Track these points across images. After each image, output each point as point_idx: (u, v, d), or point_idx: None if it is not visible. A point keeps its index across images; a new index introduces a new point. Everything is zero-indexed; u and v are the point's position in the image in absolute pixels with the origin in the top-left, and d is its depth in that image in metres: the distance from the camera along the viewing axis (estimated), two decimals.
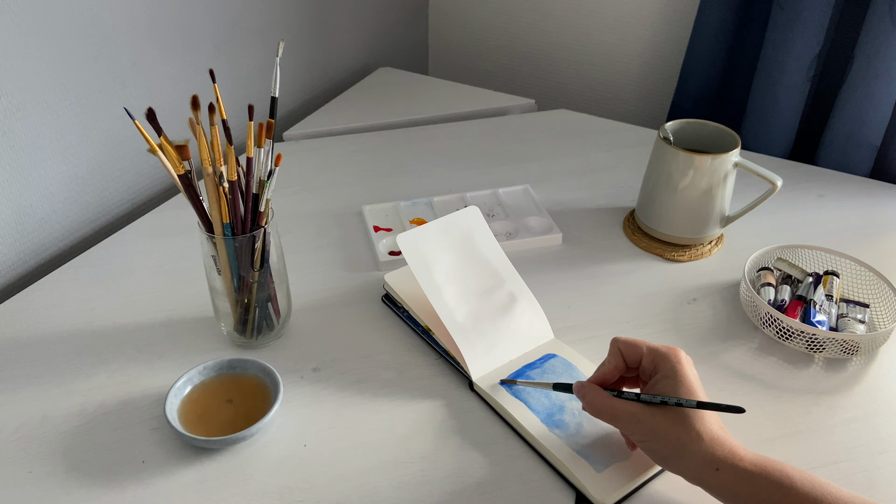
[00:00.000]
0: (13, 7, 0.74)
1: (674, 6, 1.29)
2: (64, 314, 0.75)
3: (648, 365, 0.55)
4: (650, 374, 0.55)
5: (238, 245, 0.64)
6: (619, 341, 0.57)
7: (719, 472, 0.49)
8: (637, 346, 0.56)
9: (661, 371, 0.53)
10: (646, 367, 0.55)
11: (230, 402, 0.63)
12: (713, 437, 0.50)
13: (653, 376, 0.54)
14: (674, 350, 0.54)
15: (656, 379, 0.54)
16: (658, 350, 0.55)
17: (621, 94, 1.44)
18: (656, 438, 0.51)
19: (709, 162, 0.78)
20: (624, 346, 0.56)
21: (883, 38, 0.98)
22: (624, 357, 0.56)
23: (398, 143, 1.09)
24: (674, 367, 0.53)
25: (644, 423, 0.52)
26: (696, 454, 0.50)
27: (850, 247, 0.82)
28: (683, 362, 0.54)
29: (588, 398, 0.55)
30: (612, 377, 0.57)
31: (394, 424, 0.63)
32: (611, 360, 0.57)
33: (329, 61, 1.28)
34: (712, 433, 0.50)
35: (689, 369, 0.53)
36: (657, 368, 0.54)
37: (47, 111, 0.81)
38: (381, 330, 0.73)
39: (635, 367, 0.56)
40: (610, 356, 0.57)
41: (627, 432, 0.54)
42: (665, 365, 0.53)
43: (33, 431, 0.62)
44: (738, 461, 0.49)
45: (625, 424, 0.53)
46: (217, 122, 0.60)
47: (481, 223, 0.74)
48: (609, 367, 0.57)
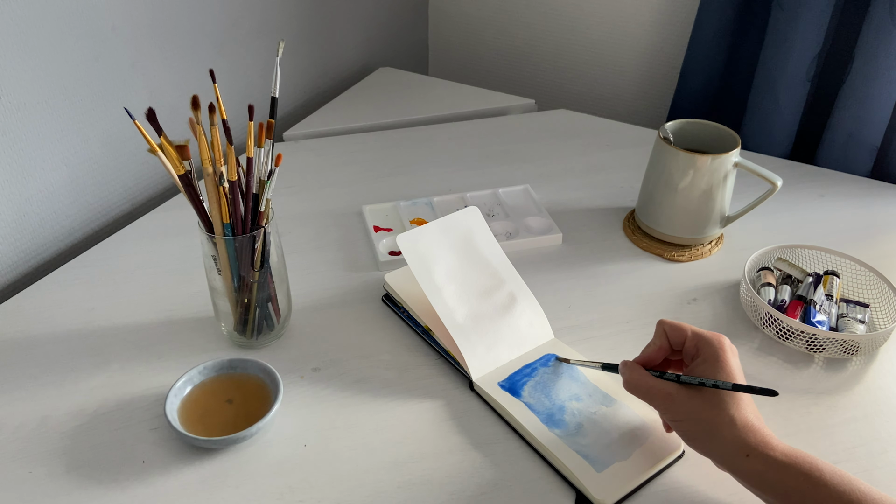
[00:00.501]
0: (13, 7, 0.74)
1: (674, 6, 1.29)
2: (64, 314, 0.75)
3: (691, 348, 0.56)
4: (692, 357, 0.56)
5: (238, 245, 0.64)
6: (665, 323, 0.57)
7: (749, 458, 0.49)
8: (682, 328, 0.56)
9: (703, 355, 0.54)
10: (688, 350, 0.56)
11: (230, 402, 0.63)
12: (746, 423, 0.50)
13: (694, 359, 0.55)
14: (718, 336, 0.55)
15: (697, 362, 0.54)
16: (702, 335, 0.55)
17: (621, 94, 1.44)
18: (689, 419, 0.52)
19: (709, 162, 0.78)
20: (669, 328, 0.57)
21: (883, 39, 0.98)
22: (668, 338, 0.57)
23: (398, 143, 1.09)
24: (716, 352, 0.54)
25: (679, 403, 0.53)
26: (727, 438, 0.50)
27: (850, 247, 0.82)
28: (727, 349, 0.54)
29: (627, 375, 0.56)
30: (657, 358, 0.57)
31: (394, 424, 0.63)
32: (656, 340, 0.58)
33: (329, 61, 1.28)
34: (746, 420, 0.51)
35: (732, 357, 0.54)
36: (699, 352, 0.55)
37: (47, 111, 0.81)
38: (381, 330, 0.73)
39: (679, 349, 0.57)
40: (655, 337, 0.58)
41: (662, 411, 0.55)
42: (707, 349, 0.54)
43: (33, 431, 0.62)
44: (769, 450, 0.49)
45: (659, 403, 0.54)
46: (217, 122, 0.60)
47: (481, 223, 0.74)
48: (654, 347, 0.57)
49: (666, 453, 0.59)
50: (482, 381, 0.65)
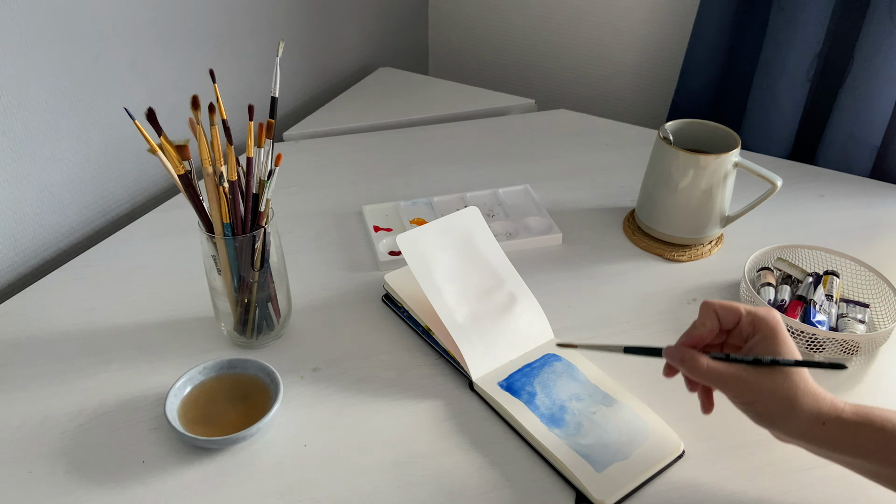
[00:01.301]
0: (13, 7, 0.74)
1: (674, 6, 1.29)
2: (64, 314, 0.75)
3: (748, 326, 0.54)
4: (748, 336, 0.55)
5: (238, 245, 0.64)
6: (715, 304, 0.55)
7: (826, 426, 0.50)
8: (735, 308, 0.55)
9: (762, 332, 0.53)
10: (744, 329, 0.55)
11: (230, 402, 0.63)
12: (815, 392, 0.51)
13: (750, 338, 0.54)
14: (771, 310, 0.55)
15: (756, 340, 0.53)
16: (756, 312, 0.54)
17: (621, 94, 1.44)
18: (765, 399, 0.52)
19: (709, 162, 0.78)
20: (721, 308, 0.55)
21: (883, 38, 0.98)
22: (720, 319, 0.55)
23: (398, 143, 1.09)
24: (774, 327, 0.53)
25: (752, 384, 0.52)
26: (804, 411, 0.51)
27: (850, 247, 0.82)
28: (781, 322, 0.54)
29: (689, 363, 0.54)
30: (706, 340, 0.55)
31: (394, 424, 0.63)
32: (706, 322, 0.55)
33: (329, 61, 1.28)
34: (815, 389, 0.51)
35: (785, 329, 0.54)
36: (757, 329, 0.54)
37: (47, 111, 0.81)
38: (381, 330, 0.73)
39: (729, 329, 0.56)
40: (704, 318, 0.56)
41: (733, 395, 0.53)
42: (765, 325, 0.53)
43: (33, 431, 0.62)
44: (840, 413, 0.50)
45: (732, 387, 0.52)
46: (217, 122, 0.60)
47: (481, 223, 0.74)
48: (704, 329, 0.55)
49: (666, 453, 0.59)
50: (482, 381, 0.65)
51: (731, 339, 0.56)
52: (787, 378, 0.51)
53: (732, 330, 0.56)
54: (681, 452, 0.60)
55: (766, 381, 0.51)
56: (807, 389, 0.51)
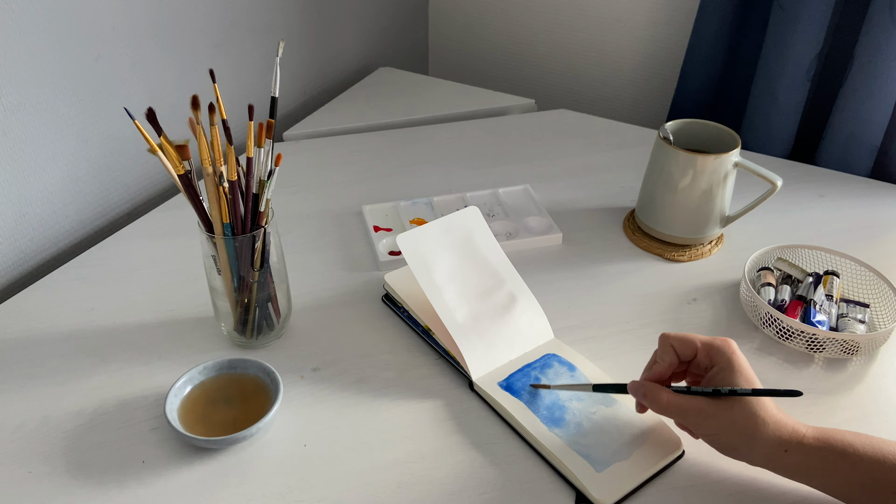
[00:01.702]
0: (13, 7, 0.74)
1: (674, 6, 1.29)
2: (64, 314, 0.75)
3: (704, 359, 0.56)
4: (706, 368, 0.56)
5: (238, 245, 0.64)
6: (671, 338, 0.57)
7: (788, 453, 0.52)
8: (690, 340, 0.56)
9: (718, 364, 0.55)
10: (701, 361, 0.56)
11: (230, 402, 0.63)
12: (776, 420, 0.52)
13: (709, 369, 0.55)
14: (727, 341, 0.56)
15: (713, 372, 0.55)
16: (712, 344, 0.55)
17: (621, 94, 1.44)
18: (726, 430, 0.53)
19: (709, 162, 0.78)
20: (677, 342, 0.57)
21: (883, 38, 0.98)
22: (677, 353, 0.57)
23: (398, 143, 1.09)
24: (730, 358, 0.54)
25: (713, 417, 0.53)
26: (765, 440, 0.52)
27: (850, 247, 0.82)
28: (738, 352, 0.55)
29: (651, 397, 0.55)
30: (667, 374, 0.57)
31: (394, 424, 0.63)
32: (664, 356, 0.57)
33: (329, 61, 1.28)
34: (776, 417, 0.52)
35: (744, 359, 0.55)
36: (713, 361, 0.55)
37: (47, 111, 0.81)
38: (381, 330, 0.73)
39: (688, 361, 0.57)
40: (663, 353, 0.57)
41: (694, 427, 0.55)
42: (721, 357, 0.55)
43: (33, 431, 0.62)
44: (802, 439, 0.52)
45: (693, 419, 0.54)
46: (217, 122, 0.60)
47: (481, 223, 0.74)
48: (664, 364, 0.57)
49: (666, 453, 0.59)
50: (482, 381, 0.65)
51: (691, 368, 0.58)
52: (746, 408, 0.52)
53: (692, 361, 0.57)
54: (681, 452, 0.60)
55: (725, 413, 0.53)
56: (766, 418, 0.52)
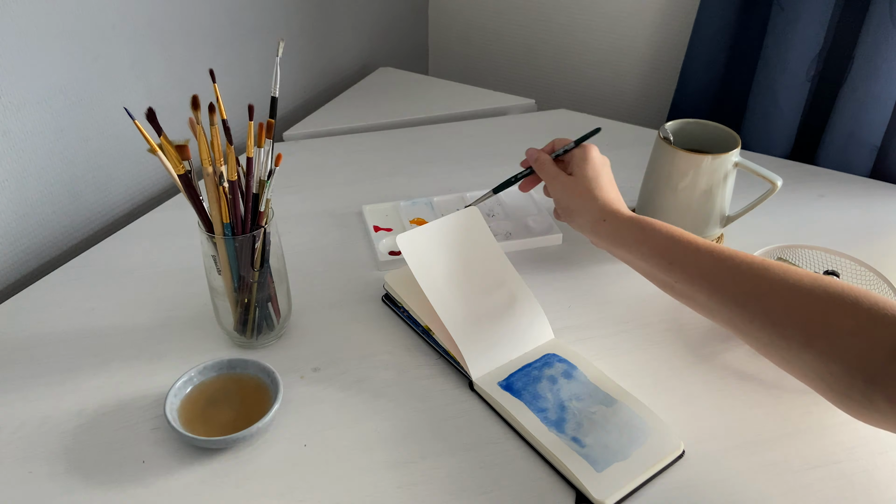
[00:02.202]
0: (13, 7, 0.74)
1: (674, 6, 1.29)
2: (64, 314, 0.75)
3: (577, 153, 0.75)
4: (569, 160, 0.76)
5: (238, 245, 0.64)
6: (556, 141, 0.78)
7: (605, 222, 0.68)
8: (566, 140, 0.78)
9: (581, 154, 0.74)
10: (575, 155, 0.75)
11: (230, 402, 0.63)
12: (606, 199, 0.69)
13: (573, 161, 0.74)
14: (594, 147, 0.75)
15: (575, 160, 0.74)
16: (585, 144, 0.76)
17: (621, 94, 1.44)
18: (567, 196, 0.72)
19: (709, 162, 0.78)
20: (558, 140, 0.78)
21: (883, 38, 0.98)
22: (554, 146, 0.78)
23: (398, 143, 1.09)
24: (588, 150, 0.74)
25: (565, 184, 0.72)
26: (590, 210, 0.69)
27: (850, 247, 0.82)
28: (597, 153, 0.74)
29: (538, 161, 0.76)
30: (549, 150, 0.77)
31: (394, 424, 0.63)
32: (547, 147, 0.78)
33: (329, 61, 1.28)
34: (607, 197, 0.70)
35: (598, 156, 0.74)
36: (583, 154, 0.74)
37: (47, 111, 0.81)
38: (381, 330, 0.73)
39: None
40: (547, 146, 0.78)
41: (554, 192, 0.74)
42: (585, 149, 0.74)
43: (33, 431, 0.62)
44: (618, 214, 0.68)
45: (555, 185, 0.73)
46: (217, 122, 0.60)
47: (481, 223, 0.74)
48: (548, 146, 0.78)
49: (666, 453, 0.59)
50: (482, 381, 0.65)
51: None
52: (585, 187, 0.70)
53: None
54: (681, 452, 0.60)
55: (573, 185, 0.71)
56: (598, 196, 0.69)
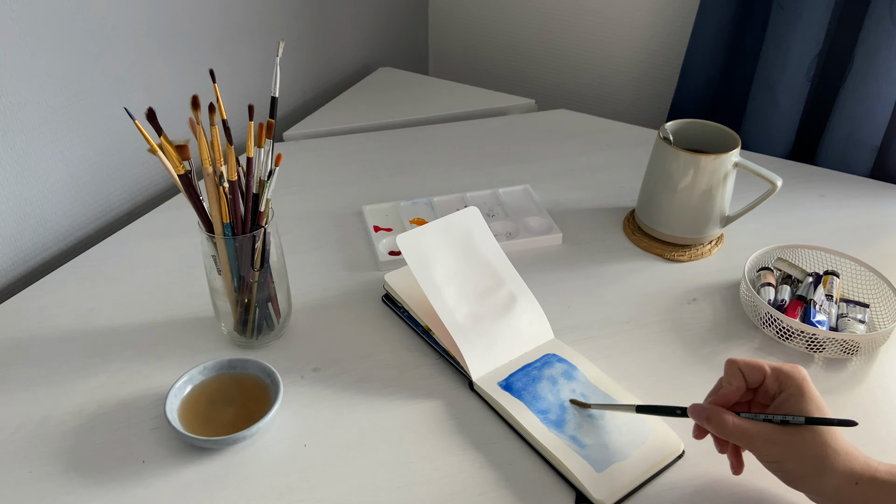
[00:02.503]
0: (13, 7, 0.74)
1: (674, 6, 1.29)
2: (64, 314, 0.75)
3: (773, 384, 0.54)
4: (774, 394, 0.54)
5: (238, 245, 0.64)
6: (739, 363, 0.55)
7: (858, 486, 0.49)
8: (760, 366, 0.54)
9: (788, 389, 0.53)
10: (769, 387, 0.54)
11: (230, 402, 0.63)
12: (847, 451, 0.50)
13: (776, 396, 0.54)
14: (797, 367, 0.54)
15: (782, 398, 0.53)
16: (782, 369, 0.54)
17: (621, 94, 1.44)
18: (794, 458, 0.51)
19: (709, 162, 0.78)
20: (745, 367, 0.55)
21: (883, 38, 0.98)
22: (745, 378, 0.55)
23: (398, 143, 1.09)
24: (800, 384, 0.52)
25: (781, 444, 0.51)
26: (836, 471, 0.49)
27: (850, 247, 0.82)
28: (808, 378, 0.53)
29: (715, 420, 0.53)
30: (734, 399, 0.55)
31: (394, 424, 0.63)
32: (732, 381, 0.55)
33: (329, 61, 1.28)
34: (846, 448, 0.50)
35: (813, 386, 0.53)
36: (783, 387, 0.53)
37: (47, 111, 0.81)
38: (381, 330, 0.73)
39: (756, 387, 0.55)
40: (730, 377, 0.55)
41: (761, 454, 0.52)
42: (791, 383, 0.53)
43: (33, 431, 0.62)
44: (874, 473, 0.49)
45: (760, 446, 0.52)
46: (217, 122, 0.60)
47: (481, 223, 0.74)
48: (731, 388, 0.55)
49: (666, 453, 0.59)
50: (482, 381, 0.65)
51: (757, 397, 0.56)
52: (817, 436, 0.50)
53: (759, 388, 0.55)
54: (681, 452, 0.60)
55: (795, 440, 0.50)
56: (838, 448, 0.50)
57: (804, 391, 0.52)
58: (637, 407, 0.58)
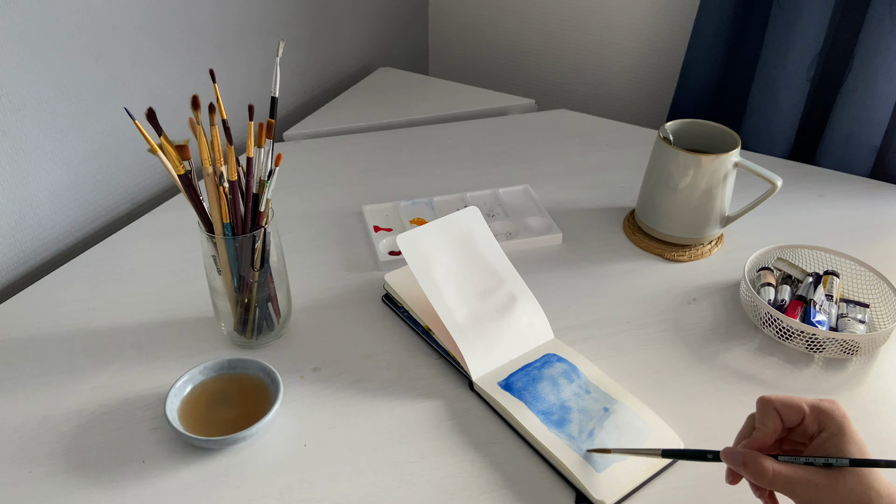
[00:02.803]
0: (13, 7, 0.74)
1: (674, 6, 1.29)
2: (64, 314, 0.75)
3: (812, 424, 0.51)
4: (813, 434, 0.51)
5: (238, 245, 0.64)
6: (774, 402, 0.51)
7: None
8: (797, 405, 0.51)
9: (828, 429, 0.50)
10: (808, 427, 0.51)
11: (230, 402, 0.63)
12: (890, 493, 0.47)
13: (815, 436, 0.51)
14: (835, 404, 0.51)
15: (822, 438, 0.50)
16: (821, 407, 0.50)
17: (621, 94, 1.44)
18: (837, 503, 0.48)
19: (709, 162, 0.78)
20: (781, 406, 0.51)
21: (883, 38, 0.98)
22: (782, 418, 0.51)
23: (398, 143, 1.09)
24: (841, 423, 0.49)
25: (823, 488, 0.48)
26: None
27: (850, 247, 0.82)
28: (847, 416, 0.50)
29: (753, 467, 0.50)
30: (769, 441, 0.51)
31: (394, 424, 0.63)
32: (767, 422, 0.51)
33: (329, 61, 1.28)
34: (889, 489, 0.47)
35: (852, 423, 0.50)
36: (822, 426, 0.50)
37: (47, 111, 0.81)
38: (381, 330, 0.73)
39: (792, 427, 0.52)
40: (765, 418, 0.52)
41: (802, 499, 0.49)
42: (831, 422, 0.50)
43: (33, 431, 0.62)
44: None
45: (801, 492, 0.48)
46: (217, 122, 0.60)
47: (481, 223, 0.74)
48: (767, 430, 0.51)
49: None
50: (482, 381, 0.65)
51: (792, 434, 0.52)
52: (860, 479, 0.47)
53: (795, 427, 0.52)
54: None
55: (838, 484, 0.47)
56: (881, 490, 0.47)
57: (845, 431, 0.49)
58: (663, 451, 0.55)
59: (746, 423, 0.54)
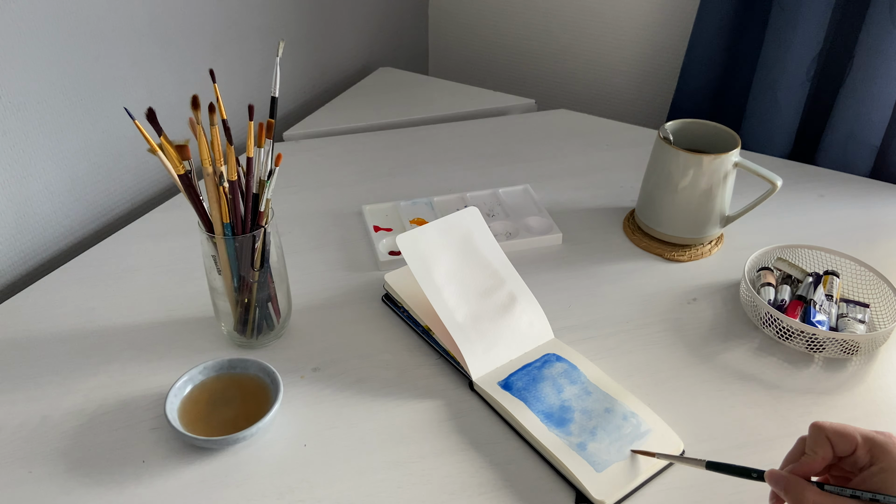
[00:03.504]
0: (13, 7, 0.74)
1: (674, 6, 1.29)
2: (64, 314, 0.75)
3: (864, 456, 0.48)
4: (864, 466, 0.49)
5: (238, 245, 0.64)
6: (827, 430, 0.49)
7: None
8: (850, 435, 0.49)
9: (880, 463, 0.47)
10: (860, 458, 0.49)
11: (230, 402, 0.63)
12: None
13: (866, 468, 0.48)
14: (891, 438, 0.48)
15: (872, 472, 0.47)
16: (875, 440, 0.48)
17: (621, 94, 1.44)
18: None
19: (709, 162, 0.78)
20: (834, 435, 0.49)
21: (883, 38, 0.98)
22: (833, 447, 0.49)
23: (398, 143, 1.09)
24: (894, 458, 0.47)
25: None
26: None
27: (850, 247, 0.82)
28: None
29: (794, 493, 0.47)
30: (818, 469, 0.49)
31: (394, 424, 0.63)
32: (818, 449, 0.49)
33: (329, 61, 1.28)
34: None
35: None
36: (874, 460, 0.48)
37: (47, 111, 0.81)
38: (381, 330, 0.73)
39: (844, 456, 0.49)
40: (816, 445, 0.49)
41: None
42: (885, 456, 0.47)
43: (33, 431, 0.62)
44: None
45: None
46: (217, 122, 0.60)
47: (481, 223, 0.74)
48: (816, 458, 0.49)
49: (666, 453, 0.59)
50: (482, 381, 0.65)
51: (842, 463, 0.50)
52: None
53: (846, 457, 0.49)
54: (681, 452, 0.60)
55: None
56: None
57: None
58: (707, 463, 0.53)
59: (797, 445, 0.51)
